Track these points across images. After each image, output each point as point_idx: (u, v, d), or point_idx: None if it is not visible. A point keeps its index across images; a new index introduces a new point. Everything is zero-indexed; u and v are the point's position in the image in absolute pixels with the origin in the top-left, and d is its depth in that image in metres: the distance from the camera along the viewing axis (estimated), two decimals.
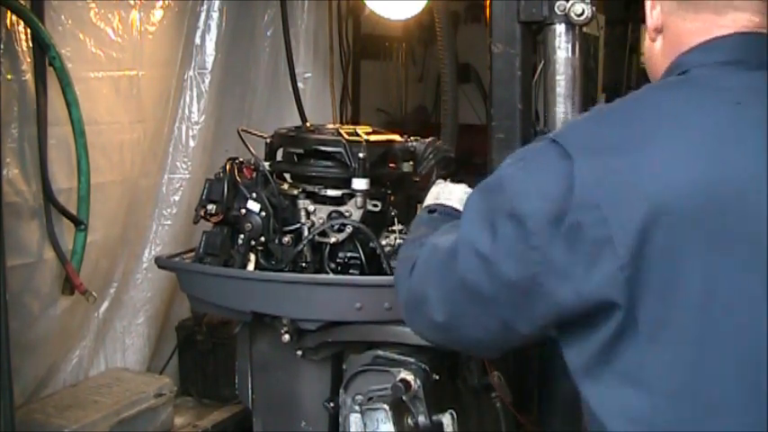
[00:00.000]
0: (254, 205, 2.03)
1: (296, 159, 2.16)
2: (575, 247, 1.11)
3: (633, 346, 1.11)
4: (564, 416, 2.28)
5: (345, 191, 2.04)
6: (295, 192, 2.07)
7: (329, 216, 2.04)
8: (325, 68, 3.95)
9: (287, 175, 2.20)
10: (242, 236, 2.04)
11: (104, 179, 2.81)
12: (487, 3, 2.27)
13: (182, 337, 3.27)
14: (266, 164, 2.13)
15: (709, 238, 1.08)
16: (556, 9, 2.11)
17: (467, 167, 2.15)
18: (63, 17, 2.64)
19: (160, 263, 2.22)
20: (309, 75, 3.81)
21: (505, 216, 1.18)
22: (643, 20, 1.35)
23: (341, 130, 2.09)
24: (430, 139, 2.13)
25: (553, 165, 1.15)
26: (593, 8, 2.10)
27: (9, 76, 2.43)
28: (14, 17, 2.43)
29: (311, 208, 2.05)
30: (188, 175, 3.23)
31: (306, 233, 2.03)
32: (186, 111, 3.26)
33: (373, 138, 2.10)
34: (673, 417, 1.10)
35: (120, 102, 2.93)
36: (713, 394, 1.09)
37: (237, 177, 2.07)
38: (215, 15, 3.31)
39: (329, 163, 2.07)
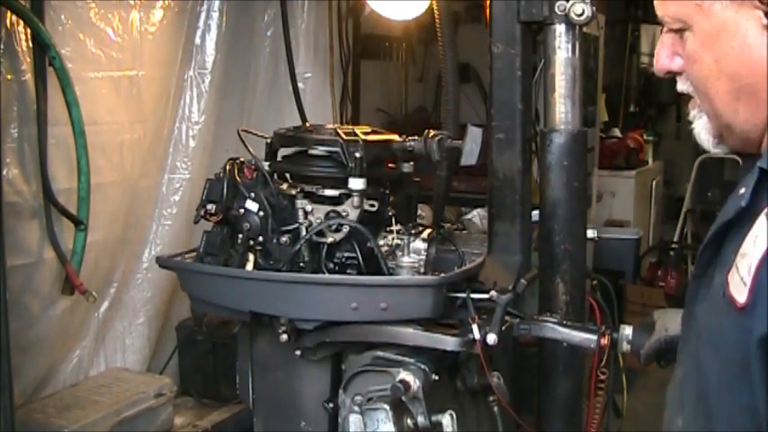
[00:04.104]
0: (252, 205, 2.03)
1: (294, 159, 2.17)
2: None
3: None
4: (564, 416, 2.28)
5: (343, 191, 2.04)
6: (293, 192, 2.07)
7: (326, 216, 2.04)
8: (325, 68, 3.95)
9: (288, 175, 2.20)
10: (240, 236, 2.04)
11: (104, 179, 2.81)
12: (487, 3, 2.27)
13: (182, 337, 3.27)
14: (266, 164, 2.14)
15: None
16: (556, 9, 2.12)
17: (466, 168, 2.14)
18: (63, 17, 2.64)
19: (161, 262, 2.22)
20: (309, 75, 3.81)
21: None
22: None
23: (339, 130, 2.09)
24: (432, 133, 2.12)
25: None
26: (594, 8, 2.10)
27: (9, 76, 2.43)
28: (14, 17, 2.43)
29: (309, 208, 2.05)
30: (188, 175, 3.23)
31: (303, 233, 2.03)
32: (186, 111, 3.26)
33: (371, 137, 2.10)
34: None
35: (120, 102, 2.93)
36: None
37: (237, 177, 2.07)
38: (215, 15, 3.32)
39: (326, 163, 2.07)
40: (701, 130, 1.23)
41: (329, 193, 2.06)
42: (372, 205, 2.06)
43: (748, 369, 1.02)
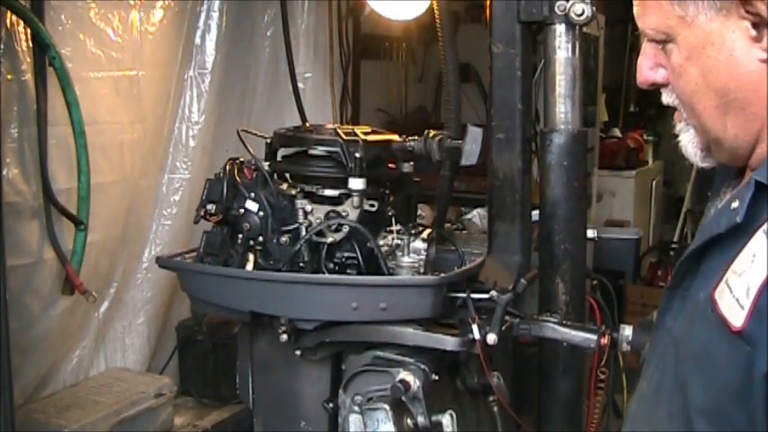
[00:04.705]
0: (252, 205, 2.03)
1: (294, 159, 2.17)
2: None
3: None
4: (564, 416, 2.28)
5: (342, 191, 2.04)
6: (293, 192, 2.07)
7: (326, 216, 2.04)
8: (325, 68, 3.95)
9: (288, 175, 2.20)
10: (240, 236, 2.04)
11: (104, 179, 2.81)
12: (487, 3, 2.27)
13: (182, 337, 3.28)
14: (266, 164, 2.14)
15: None
16: (556, 9, 2.12)
17: (466, 168, 2.14)
18: (63, 17, 2.65)
19: (161, 262, 2.22)
20: (309, 75, 3.81)
21: None
22: None
23: (339, 130, 2.09)
24: (432, 133, 2.12)
25: None
26: (594, 8, 2.11)
27: (9, 76, 2.43)
28: (14, 17, 2.43)
29: (309, 208, 2.05)
30: (188, 175, 3.23)
31: (303, 233, 2.03)
32: (186, 111, 3.26)
33: (371, 137, 2.10)
34: None
35: (120, 102, 2.93)
36: None
37: (237, 177, 2.07)
38: (215, 15, 3.32)
39: (326, 163, 2.07)
40: (688, 143, 1.18)
41: (329, 193, 2.06)
42: (372, 205, 2.06)
43: (745, 394, 0.98)
